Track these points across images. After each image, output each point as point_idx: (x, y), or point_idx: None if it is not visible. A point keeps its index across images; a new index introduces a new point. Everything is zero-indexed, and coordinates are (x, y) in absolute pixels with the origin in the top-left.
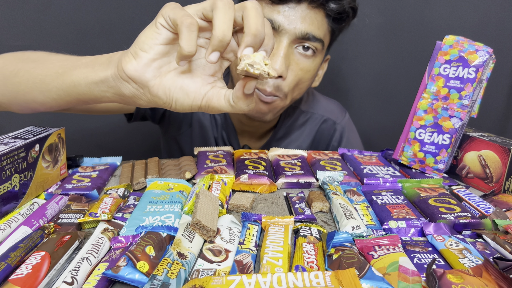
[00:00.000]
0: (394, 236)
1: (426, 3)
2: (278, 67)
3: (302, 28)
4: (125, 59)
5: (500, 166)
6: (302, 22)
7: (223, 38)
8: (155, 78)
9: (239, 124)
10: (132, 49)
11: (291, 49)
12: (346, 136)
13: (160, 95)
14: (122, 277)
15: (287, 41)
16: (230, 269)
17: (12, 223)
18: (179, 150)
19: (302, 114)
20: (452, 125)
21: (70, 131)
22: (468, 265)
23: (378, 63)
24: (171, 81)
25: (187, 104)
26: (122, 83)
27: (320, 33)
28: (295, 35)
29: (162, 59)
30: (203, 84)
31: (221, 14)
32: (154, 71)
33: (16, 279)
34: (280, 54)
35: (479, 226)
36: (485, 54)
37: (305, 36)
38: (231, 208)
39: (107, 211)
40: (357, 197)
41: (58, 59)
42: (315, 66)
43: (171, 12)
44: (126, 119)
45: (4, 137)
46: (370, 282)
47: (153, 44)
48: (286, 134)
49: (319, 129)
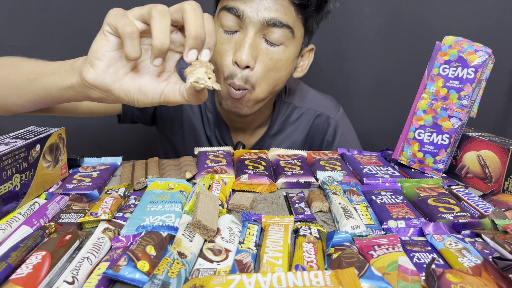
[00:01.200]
0: (393, 236)
1: (425, 4)
2: (244, 57)
3: (266, 15)
4: (84, 69)
5: (499, 166)
6: (266, 9)
7: (161, 47)
8: (114, 83)
9: (230, 121)
10: (88, 59)
11: (259, 39)
12: (341, 130)
13: (122, 96)
14: (123, 276)
15: (253, 30)
16: (230, 269)
17: (13, 223)
18: (172, 150)
19: (295, 109)
20: (452, 125)
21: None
22: (467, 264)
23: (378, 63)
24: (129, 84)
25: (148, 102)
26: (87, 89)
27: (288, 19)
28: (260, 22)
29: (116, 63)
30: (158, 83)
31: (157, 24)
32: (112, 76)
33: (17, 279)
34: (246, 44)
35: (478, 225)
36: (484, 55)
37: (270, 22)
38: (231, 208)
39: (108, 210)
40: (357, 197)
41: (29, 64)
42: (287, 55)
43: (114, 20)
44: (117, 119)
45: (5, 137)
46: (369, 281)
47: (105, 51)
48: (280, 130)
49: (313, 124)
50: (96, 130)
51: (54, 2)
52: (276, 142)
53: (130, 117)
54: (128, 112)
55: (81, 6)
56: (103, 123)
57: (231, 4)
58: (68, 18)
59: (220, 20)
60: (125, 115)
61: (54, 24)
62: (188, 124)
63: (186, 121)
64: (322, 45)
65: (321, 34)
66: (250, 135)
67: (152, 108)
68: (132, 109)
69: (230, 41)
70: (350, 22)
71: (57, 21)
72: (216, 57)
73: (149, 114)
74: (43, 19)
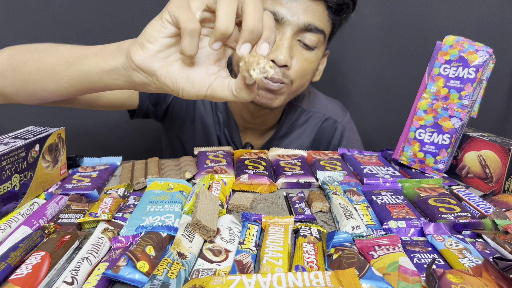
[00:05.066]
0: (394, 236)
1: (426, 3)
2: (283, 57)
3: (305, 19)
4: (133, 50)
5: (500, 166)
6: (304, 13)
7: (225, 31)
8: (162, 68)
9: (241, 121)
10: (139, 40)
11: (294, 41)
12: (347, 135)
13: (167, 83)
14: (122, 277)
15: (291, 32)
16: (230, 269)
17: (12, 223)
18: (181, 148)
19: (303, 112)
20: (452, 125)
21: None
22: (468, 265)
23: (378, 63)
24: (177, 71)
25: (193, 93)
26: (132, 72)
27: (322, 25)
28: (298, 26)
29: (168, 49)
30: (208, 75)
31: (223, 6)
32: (161, 61)
33: (16, 279)
34: (284, 44)
35: (479, 226)
36: (485, 54)
37: (307, 27)
38: (231, 208)
39: (107, 211)
40: (357, 197)
41: (67, 48)
42: (317, 57)
43: (176, 11)
44: (129, 115)
45: (4, 137)
46: (370, 282)
47: (159, 37)
48: (287, 133)
49: (320, 127)
50: (96, 130)
51: (54, 2)
52: (283, 144)
53: (144, 111)
54: (143, 105)
55: (81, 6)
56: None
57: (270, 8)
58: (68, 18)
59: None
60: (140, 108)
61: (54, 24)
62: (200, 122)
63: (198, 118)
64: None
65: None
66: (259, 137)
67: (166, 104)
68: (148, 103)
69: None
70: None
71: (57, 21)
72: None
73: (162, 110)
74: (43, 19)
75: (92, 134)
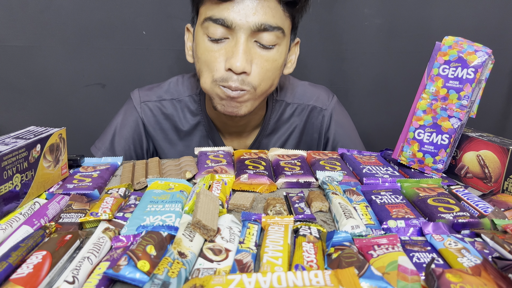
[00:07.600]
0: (393, 236)
1: (425, 4)
2: (240, 63)
3: (256, 20)
4: None
5: (499, 166)
6: (254, 14)
7: None
8: None
9: (223, 127)
10: None
11: (251, 43)
12: (335, 118)
13: None
14: (123, 276)
15: (244, 36)
16: (230, 268)
17: (13, 223)
18: None
19: (288, 106)
20: (451, 125)
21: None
22: (467, 264)
23: (378, 63)
24: None
25: None
26: None
27: (277, 21)
28: (250, 28)
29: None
30: None
31: None
32: None
33: (17, 279)
34: (239, 50)
35: (477, 225)
36: (484, 55)
37: (260, 27)
38: (231, 207)
39: (108, 210)
40: (357, 196)
41: None
42: (280, 54)
43: None
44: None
45: (6, 137)
46: (369, 281)
47: None
48: (274, 129)
49: (308, 118)
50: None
51: (54, 2)
52: (271, 142)
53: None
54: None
55: (81, 6)
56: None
57: (217, 15)
58: (68, 18)
59: (205, 30)
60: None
61: (54, 24)
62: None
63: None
64: (322, 45)
65: (321, 34)
66: (246, 138)
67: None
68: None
69: (220, 48)
70: (350, 22)
71: (57, 21)
72: (201, 65)
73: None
74: (43, 19)
75: (93, 134)
